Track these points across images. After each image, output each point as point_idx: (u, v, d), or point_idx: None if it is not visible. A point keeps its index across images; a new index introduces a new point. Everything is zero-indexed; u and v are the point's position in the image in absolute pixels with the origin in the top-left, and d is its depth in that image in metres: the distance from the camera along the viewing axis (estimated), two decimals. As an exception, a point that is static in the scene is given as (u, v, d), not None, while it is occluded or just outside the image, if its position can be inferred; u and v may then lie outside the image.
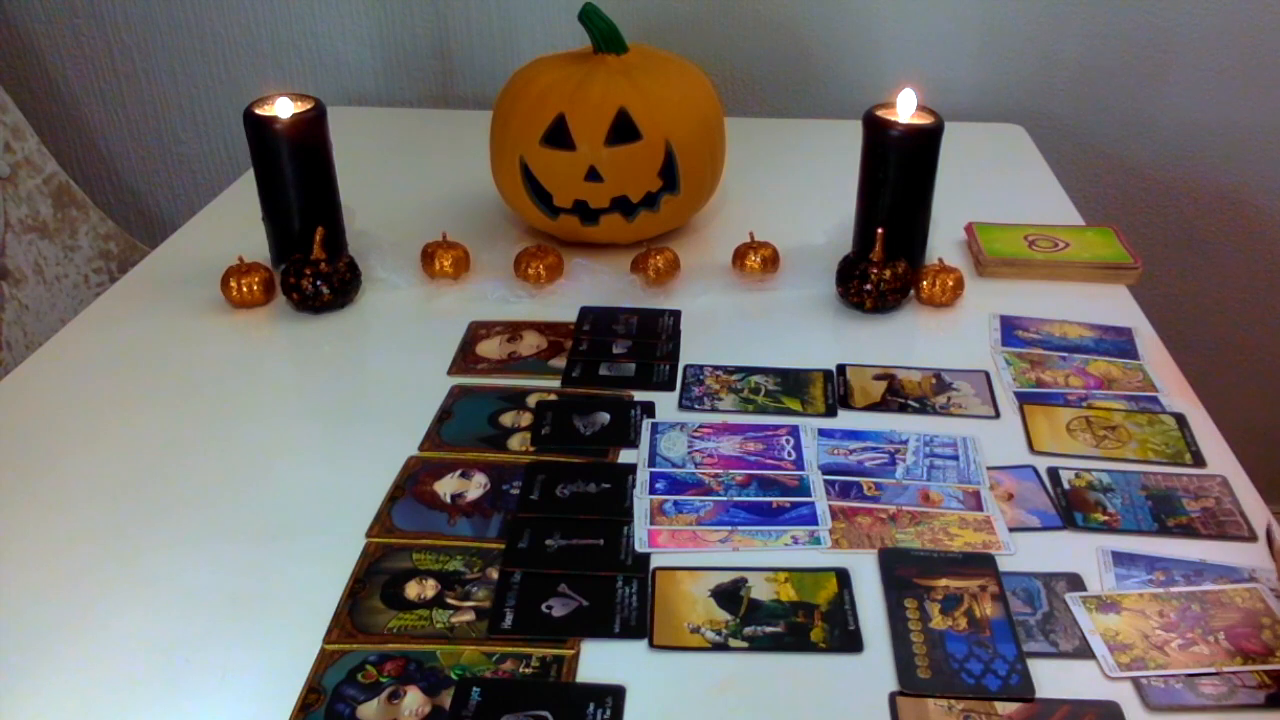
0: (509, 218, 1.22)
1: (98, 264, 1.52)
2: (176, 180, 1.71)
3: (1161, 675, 0.64)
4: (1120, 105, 1.55)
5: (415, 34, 1.58)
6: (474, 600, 0.70)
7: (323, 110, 1.07)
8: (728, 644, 0.67)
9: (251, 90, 1.12)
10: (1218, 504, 0.78)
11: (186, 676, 0.65)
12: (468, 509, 0.78)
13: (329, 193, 1.09)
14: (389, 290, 1.08)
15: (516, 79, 1.14)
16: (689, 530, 0.76)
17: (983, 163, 1.37)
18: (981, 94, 1.55)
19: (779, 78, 1.57)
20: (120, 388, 0.94)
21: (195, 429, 0.88)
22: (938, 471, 0.82)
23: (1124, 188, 1.61)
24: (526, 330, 1.01)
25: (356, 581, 0.71)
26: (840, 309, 1.05)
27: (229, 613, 0.70)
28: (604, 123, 1.07)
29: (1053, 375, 0.94)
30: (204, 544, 0.75)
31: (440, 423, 0.88)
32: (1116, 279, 1.09)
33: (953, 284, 1.04)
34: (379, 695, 0.63)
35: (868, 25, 1.53)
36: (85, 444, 0.86)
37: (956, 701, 0.63)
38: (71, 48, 1.61)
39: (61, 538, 0.76)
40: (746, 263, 1.09)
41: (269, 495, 0.81)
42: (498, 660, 0.65)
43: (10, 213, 1.42)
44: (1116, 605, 0.69)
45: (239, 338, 1.01)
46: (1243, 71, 1.52)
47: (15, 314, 1.39)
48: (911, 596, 0.70)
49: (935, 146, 1.03)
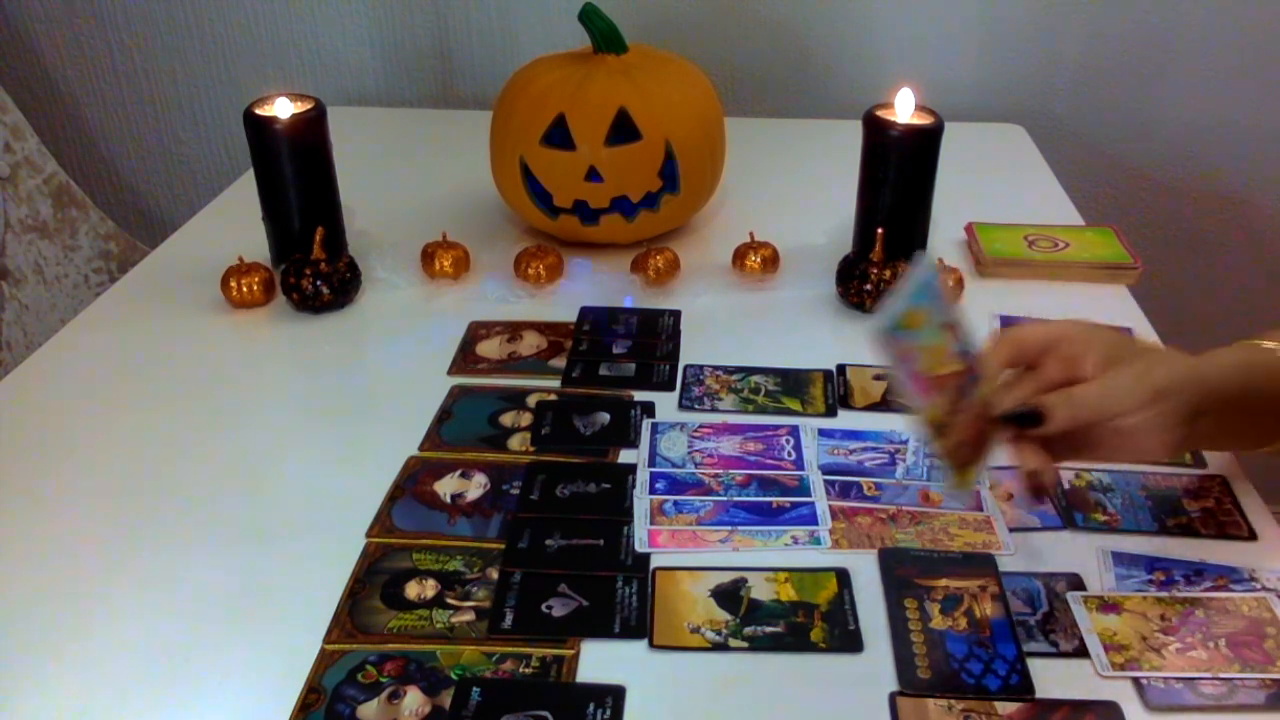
0: (509, 218, 1.22)
1: (98, 264, 1.52)
2: (176, 180, 1.71)
3: (1159, 676, 0.64)
4: (1120, 105, 1.55)
5: (415, 34, 1.58)
6: (474, 600, 0.70)
7: (323, 110, 1.07)
8: (728, 644, 0.67)
9: (251, 90, 1.11)
10: (1218, 504, 0.78)
11: (186, 676, 0.65)
12: (468, 509, 0.78)
13: (329, 193, 1.09)
14: (389, 290, 1.08)
15: (516, 79, 1.14)
16: (689, 530, 0.76)
17: (983, 163, 1.36)
18: (981, 94, 1.55)
19: (779, 78, 1.57)
20: (120, 388, 0.94)
21: (195, 429, 0.88)
22: (938, 471, 0.82)
23: (1124, 188, 1.61)
24: (526, 330, 1.01)
25: (356, 581, 0.71)
26: (840, 309, 1.05)
27: (229, 613, 0.70)
28: (604, 123, 1.07)
29: (1053, 375, 0.93)
30: (204, 544, 0.75)
31: (440, 423, 0.88)
32: (1116, 279, 1.09)
33: (953, 284, 1.04)
34: (379, 695, 0.63)
35: (868, 25, 1.53)
36: (85, 444, 0.86)
37: (956, 701, 0.62)
38: (71, 48, 1.61)
39: (61, 537, 0.76)
40: (746, 263, 1.09)
41: (269, 495, 0.81)
42: (498, 660, 0.65)
43: (10, 213, 1.42)
44: (1118, 606, 0.69)
45: (239, 338, 1.01)
46: (1243, 71, 1.52)
47: (15, 314, 1.39)
48: (911, 596, 0.70)
49: (935, 146, 1.03)
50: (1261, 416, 0.70)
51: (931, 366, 0.66)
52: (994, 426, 0.68)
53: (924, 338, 0.65)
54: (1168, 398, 0.64)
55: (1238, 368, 0.68)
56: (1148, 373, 0.64)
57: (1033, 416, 0.65)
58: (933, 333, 0.66)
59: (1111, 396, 0.64)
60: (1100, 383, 0.65)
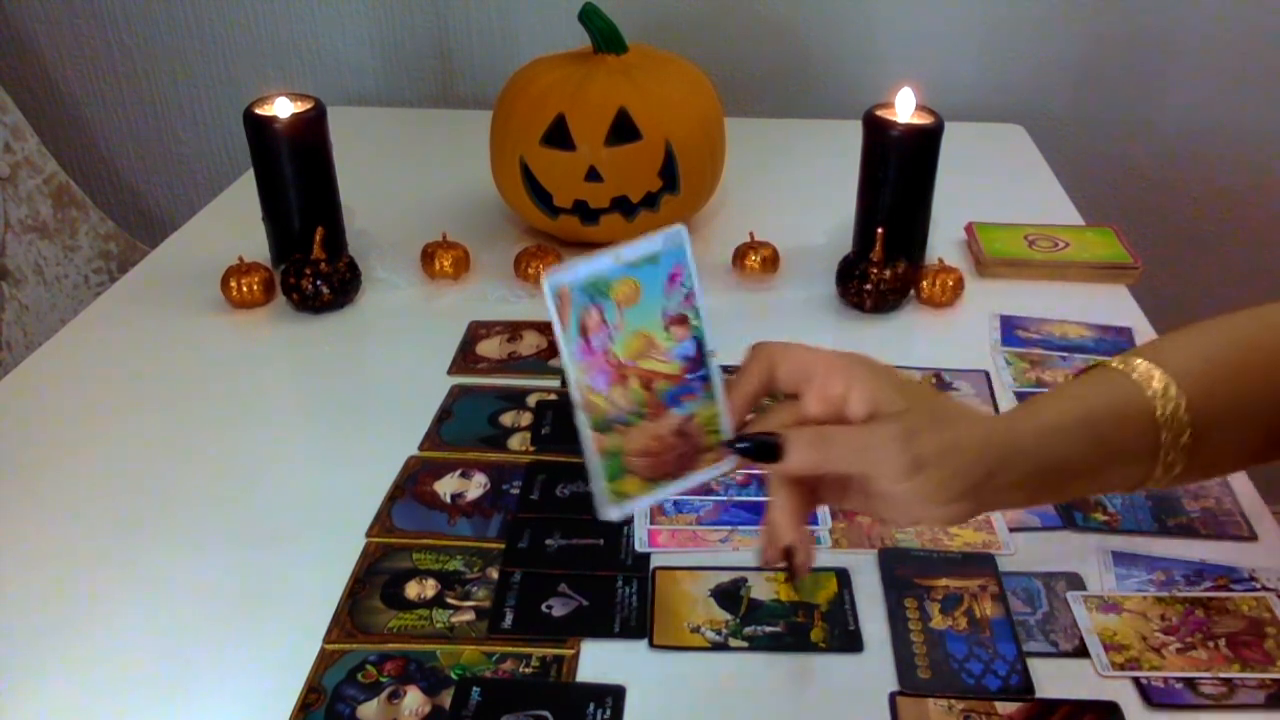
0: (509, 218, 1.22)
1: (98, 264, 1.52)
2: (176, 180, 1.71)
3: (1159, 676, 0.64)
4: (1120, 105, 1.55)
5: (415, 34, 1.58)
6: (474, 600, 0.70)
7: (323, 110, 1.07)
8: (728, 644, 0.67)
9: (251, 90, 1.11)
10: (1218, 504, 0.78)
11: (186, 676, 0.65)
12: (468, 509, 0.78)
13: (329, 193, 1.09)
14: (389, 290, 1.08)
15: (516, 79, 1.14)
16: (689, 530, 0.76)
17: (983, 163, 1.36)
18: (981, 94, 1.55)
19: (779, 78, 1.57)
20: (120, 388, 0.94)
21: (195, 429, 0.88)
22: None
23: (1124, 188, 1.61)
24: (526, 330, 1.01)
25: (356, 581, 0.71)
26: (840, 309, 1.05)
27: (229, 613, 0.70)
28: (604, 123, 1.07)
29: (1053, 375, 0.94)
30: (204, 543, 0.75)
31: (440, 423, 0.88)
32: (1116, 279, 1.09)
33: (953, 284, 1.04)
34: (379, 695, 0.63)
35: (868, 25, 1.53)
36: (85, 444, 0.86)
37: (956, 701, 0.62)
38: (71, 48, 1.61)
39: (61, 537, 0.76)
40: (746, 263, 1.09)
41: (269, 495, 0.81)
42: (498, 660, 0.65)
43: (10, 213, 1.42)
44: (1118, 606, 0.69)
45: (239, 338, 1.01)
46: (1243, 71, 1.52)
47: (15, 314, 1.39)
48: (911, 596, 0.70)
49: (935, 146, 1.03)
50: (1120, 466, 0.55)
51: (630, 355, 0.53)
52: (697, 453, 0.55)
53: (631, 319, 0.53)
54: (929, 469, 0.51)
55: (1061, 431, 0.53)
56: (911, 437, 0.51)
57: (767, 448, 0.53)
58: (646, 317, 0.53)
59: (864, 455, 0.52)
60: (856, 434, 0.52)
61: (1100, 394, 0.55)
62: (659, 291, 0.53)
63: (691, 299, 0.55)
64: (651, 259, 0.53)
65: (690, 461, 0.55)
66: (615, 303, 0.52)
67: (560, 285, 0.51)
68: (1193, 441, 0.54)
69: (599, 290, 0.52)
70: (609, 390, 0.53)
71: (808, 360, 0.54)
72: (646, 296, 0.53)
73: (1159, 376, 0.54)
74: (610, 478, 0.54)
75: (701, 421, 0.55)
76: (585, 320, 0.52)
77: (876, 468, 0.52)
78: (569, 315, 0.51)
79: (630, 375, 0.53)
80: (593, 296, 0.52)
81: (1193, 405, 0.54)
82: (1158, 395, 0.54)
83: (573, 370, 0.52)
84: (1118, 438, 0.54)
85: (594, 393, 0.53)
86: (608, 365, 0.53)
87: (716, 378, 0.55)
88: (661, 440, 0.54)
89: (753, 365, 0.55)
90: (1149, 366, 0.55)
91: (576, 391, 0.53)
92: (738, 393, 0.55)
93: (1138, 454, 0.54)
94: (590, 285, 0.52)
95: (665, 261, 0.54)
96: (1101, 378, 0.56)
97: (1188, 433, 0.54)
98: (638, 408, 0.54)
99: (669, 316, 0.54)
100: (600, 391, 0.53)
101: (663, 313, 0.54)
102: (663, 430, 0.54)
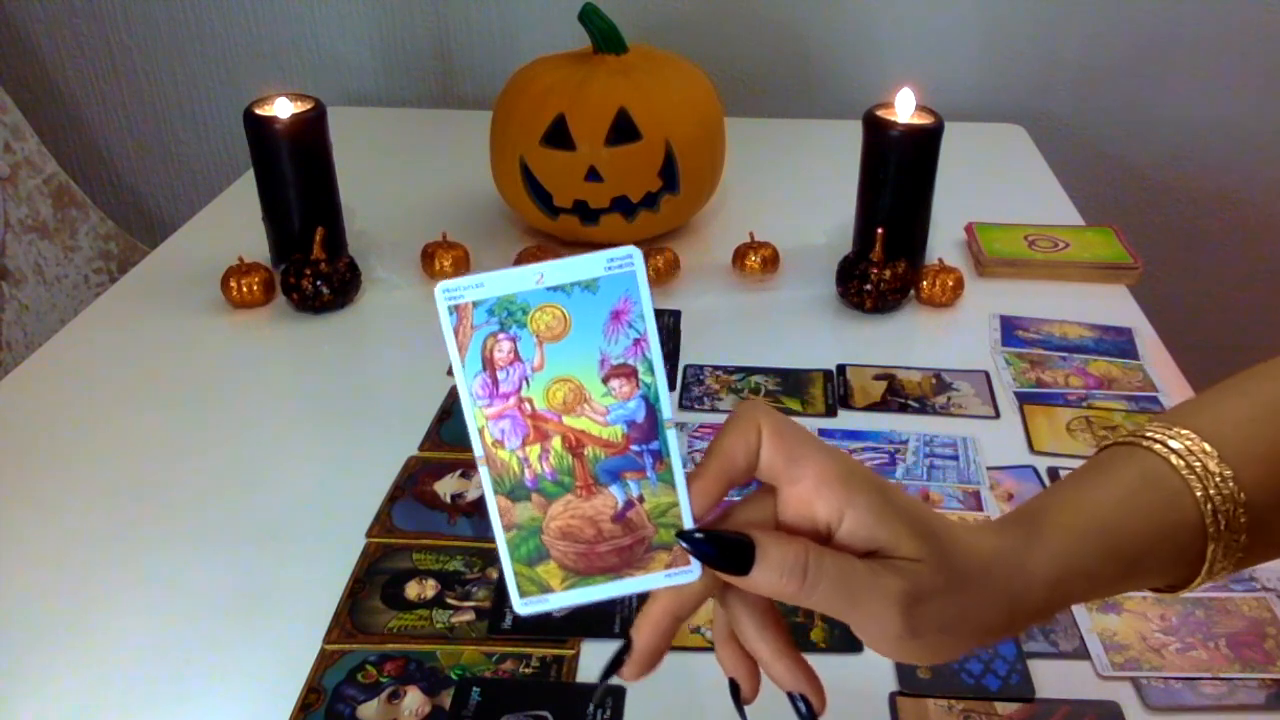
0: (509, 218, 1.22)
1: (98, 264, 1.52)
2: (176, 180, 1.72)
3: (1159, 676, 0.64)
4: (1120, 105, 1.55)
5: (415, 34, 1.58)
6: (474, 600, 0.70)
7: (323, 110, 1.07)
8: (728, 644, 0.66)
9: (251, 90, 1.11)
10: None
11: (186, 676, 0.65)
12: (468, 509, 0.78)
13: (329, 193, 1.09)
14: (389, 290, 1.08)
15: (516, 79, 1.14)
16: (689, 530, 0.76)
17: (983, 163, 1.37)
18: (981, 94, 1.55)
19: (779, 78, 1.57)
20: (120, 388, 0.94)
21: (195, 429, 0.88)
22: (938, 471, 0.82)
23: (1124, 188, 1.61)
24: (526, 330, 1.01)
25: (356, 581, 0.71)
26: (840, 309, 1.05)
27: (229, 613, 0.70)
28: (604, 123, 1.07)
29: (1053, 375, 0.94)
30: (204, 544, 0.76)
31: (440, 423, 0.88)
32: (1116, 279, 1.09)
33: (953, 284, 1.04)
34: (379, 695, 0.63)
35: (868, 25, 1.53)
36: (85, 444, 0.86)
37: (956, 701, 0.62)
38: (71, 48, 1.61)
39: (61, 538, 0.76)
40: (746, 263, 1.09)
41: (269, 495, 0.81)
42: (498, 660, 0.65)
43: (10, 213, 1.42)
44: (1118, 606, 0.69)
45: (239, 338, 1.01)
46: (1242, 71, 1.52)
47: (15, 314, 1.39)
48: (911, 596, 0.70)
49: (935, 146, 1.03)
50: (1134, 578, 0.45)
51: (553, 406, 0.42)
52: (644, 549, 0.43)
53: (555, 360, 0.41)
54: (924, 638, 0.42)
55: (1085, 576, 0.44)
56: (915, 605, 0.41)
57: (734, 552, 0.41)
58: (576, 361, 0.41)
59: (853, 605, 0.42)
60: (850, 576, 0.41)
61: (1136, 507, 0.44)
62: (596, 330, 0.41)
63: (642, 346, 0.41)
64: (587, 285, 0.41)
65: (632, 559, 0.43)
66: (534, 334, 0.41)
67: (458, 300, 0.40)
68: (1249, 542, 0.44)
69: (512, 316, 0.41)
70: (522, 448, 0.42)
71: (800, 454, 0.42)
72: (577, 333, 0.41)
73: (1212, 464, 0.44)
74: (523, 560, 0.43)
75: (649, 509, 0.42)
76: (491, 352, 0.41)
77: (863, 624, 0.42)
78: (468, 340, 0.41)
79: (553, 433, 0.42)
80: (503, 323, 0.41)
81: (1251, 503, 0.43)
82: (1209, 498, 0.43)
83: (471, 412, 0.42)
84: (1154, 561, 0.44)
85: (501, 446, 0.42)
86: (520, 414, 0.42)
87: (676, 458, 0.42)
88: (594, 524, 0.42)
89: (735, 436, 0.42)
90: (1191, 453, 0.44)
91: (477, 440, 0.42)
92: (713, 468, 0.42)
93: (1175, 568, 0.45)
94: (500, 307, 0.41)
95: (607, 291, 0.41)
96: (1135, 471, 0.45)
97: (1243, 535, 0.44)
98: (560, 476, 0.42)
99: (609, 366, 0.41)
100: (509, 448, 0.42)
101: (600, 359, 0.41)
102: (595, 513, 0.42)
